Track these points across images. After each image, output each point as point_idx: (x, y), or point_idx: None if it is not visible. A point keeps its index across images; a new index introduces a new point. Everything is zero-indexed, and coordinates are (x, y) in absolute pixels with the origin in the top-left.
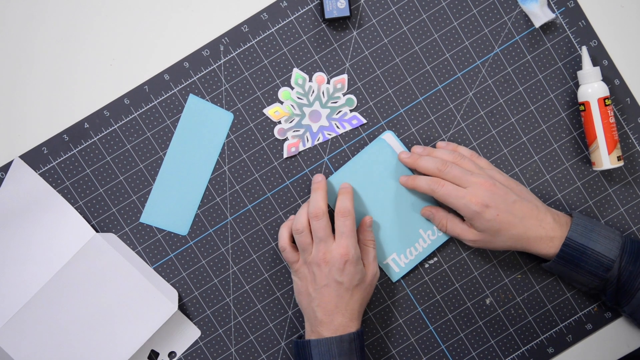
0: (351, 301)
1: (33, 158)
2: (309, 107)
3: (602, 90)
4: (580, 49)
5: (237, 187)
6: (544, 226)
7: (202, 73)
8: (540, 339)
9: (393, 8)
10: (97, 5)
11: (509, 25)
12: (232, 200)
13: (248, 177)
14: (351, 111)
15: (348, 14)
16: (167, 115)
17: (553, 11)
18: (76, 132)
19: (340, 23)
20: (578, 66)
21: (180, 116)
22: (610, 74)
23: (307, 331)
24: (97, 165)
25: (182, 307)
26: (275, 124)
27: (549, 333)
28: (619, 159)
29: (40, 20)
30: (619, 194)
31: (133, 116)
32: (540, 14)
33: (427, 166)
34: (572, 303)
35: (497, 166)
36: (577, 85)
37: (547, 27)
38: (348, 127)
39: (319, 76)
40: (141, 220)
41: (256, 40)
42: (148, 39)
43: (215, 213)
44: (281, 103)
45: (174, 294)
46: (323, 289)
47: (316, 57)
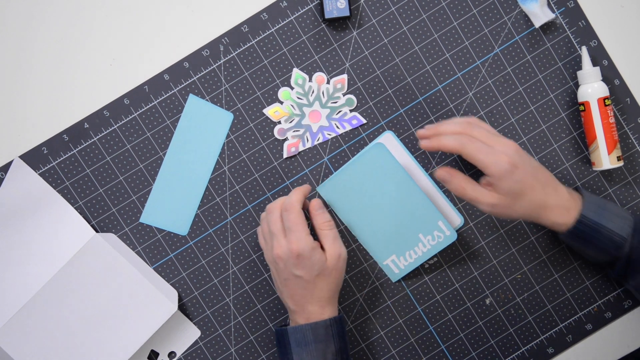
0: (316, 290)
1: (33, 158)
2: (309, 107)
3: (602, 90)
4: (580, 49)
5: (237, 187)
6: (561, 196)
7: (202, 73)
8: (540, 339)
9: (393, 8)
10: (97, 5)
11: (509, 25)
12: (232, 200)
13: (248, 177)
14: (351, 111)
15: (348, 14)
16: (167, 115)
17: (553, 11)
18: (76, 132)
19: (340, 23)
20: (578, 66)
21: (180, 116)
22: (610, 74)
23: (290, 319)
24: (97, 165)
25: (182, 307)
26: (275, 124)
27: (549, 333)
28: (619, 159)
29: (40, 20)
30: (619, 194)
31: (133, 116)
32: (540, 14)
33: (454, 128)
34: (572, 303)
35: None
36: (577, 85)
37: (547, 27)
38: (348, 127)
39: (319, 76)
40: (141, 220)
41: (256, 40)
42: (148, 39)
43: (215, 213)
44: (281, 103)
45: (174, 294)
46: (286, 283)
47: (316, 57)
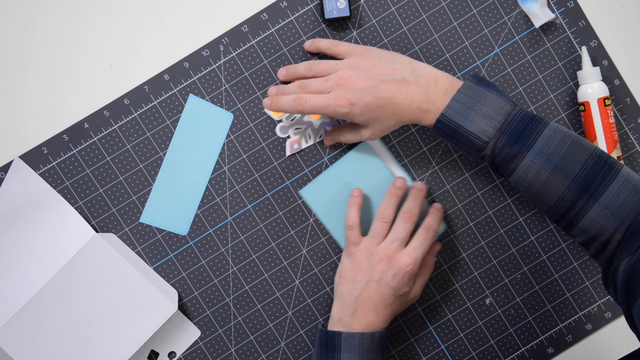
0: (389, 306)
1: (33, 158)
2: (319, 122)
3: (602, 90)
4: (580, 49)
5: (237, 187)
6: (415, 98)
7: (202, 73)
8: (540, 339)
9: (393, 8)
10: (97, 5)
11: (509, 25)
12: (232, 200)
13: (248, 177)
14: None
15: (348, 14)
16: (167, 115)
17: (553, 11)
18: (76, 132)
19: (340, 23)
20: (578, 66)
21: (180, 116)
22: (610, 74)
23: (334, 317)
24: (97, 165)
25: (182, 307)
26: (276, 123)
27: (549, 333)
28: (619, 159)
29: (40, 20)
30: None
31: (133, 116)
32: (540, 14)
33: (288, 90)
34: (572, 303)
35: None
36: (577, 85)
37: (547, 27)
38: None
39: None
40: (141, 220)
41: (256, 40)
42: (148, 39)
43: (215, 213)
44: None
45: (174, 294)
46: (372, 283)
47: (316, 57)
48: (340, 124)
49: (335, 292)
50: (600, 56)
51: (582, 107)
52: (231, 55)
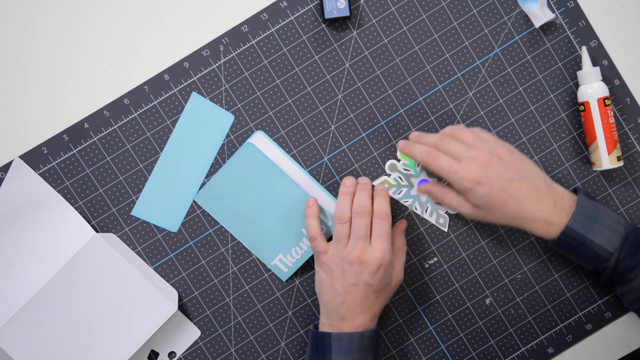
0: (375, 302)
1: (33, 158)
2: (417, 178)
3: (602, 90)
4: (580, 49)
5: None
6: (542, 209)
7: (202, 73)
8: (540, 339)
9: (393, 8)
10: (97, 5)
11: (509, 25)
12: None
13: None
14: None
15: (348, 14)
16: (167, 115)
17: (553, 11)
18: (76, 132)
19: (340, 23)
20: (578, 66)
21: (180, 115)
22: (610, 74)
23: (324, 323)
24: (97, 165)
25: (182, 307)
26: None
27: (549, 333)
28: (619, 159)
29: (40, 20)
30: (619, 194)
31: (133, 116)
32: (540, 14)
33: (426, 141)
34: (572, 303)
35: None
36: (577, 85)
37: (547, 27)
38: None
39: None
40: (132, 213)
41: (256, 40)
42: (148, 39)
43: None
44: (388, 175)
45: (174, 294)
46: (351, 287)
47: (316, 57)
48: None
49: (319, 301)
50: (600, 56)
51: (582, 107)
52: (231, 55)
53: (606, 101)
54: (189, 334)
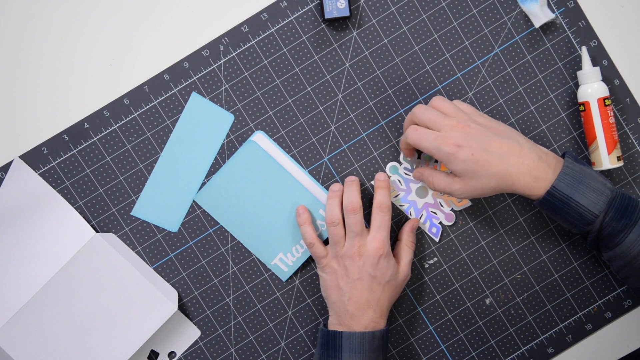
0: (382, 297)
1: (33, 158)
2: (416, 184)
3: (602, 90)
4: (580, 49)
5: None
6: (527, 163)
7: (202, 73)
8: (540, 339)
9: (393, 8)
10: (97, 5)
11: (509, 25)
12: None
13: None
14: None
15: (348, 14)
16: (167, 115)
17: (553, 11)
18: (76, 132)
19: (340, 23)
20: (578, 66)
21: (180, 115)
22: (610, 74)
23: (333, 322)
24: (97, 165)
25: (182, 307)
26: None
27: (549, 333)
28: (619, 159)
29: (40, 20)
30: None
31: (133, 116)
32: (540, 14)
33: (408, 117)
34: (572, 303)
35: None
36: (577, 85)
37: (547, 27)
38: (452, 207)
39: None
40: (132, 213)
41: (256, 40)
42: (148, 39)
43: None
44: (389, 177)
45: (174, 294)
46: (356, 282)
47: (316, 57)
48: (442, 206)
49: (327, 304)
50: (600, 56)
51: (582, 107)
52: (231, 55)
53: (606, 101)
54: (189, 334)
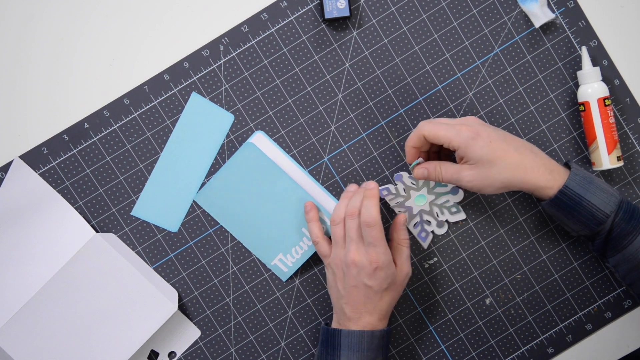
0: (380, 303)
1: (33, 158)
2: (416, 192)
3: (602, 90)
4: (580, 49)
5: None
6: (541, 157)
7: (202, 73)
8: (540, 339)
9: (393, 8)
10: (97, 5)
11: (509, 25)
12: None
13: None
14: (456, 203)
15: (348, 14)
16: (167, 115)
17: (553, 11)
18: (76, 132)
19: (340, 23)
20: (578, 66)
21: (180, 115)
22: (610, 74)
23: (335, 320)
24: (97, 165)
25: (182, 307)
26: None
27: (549, 333)
28: (619, 159)
29: (40, 20)
30: None
31: (133, 116)
32: (540, 14)
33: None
34: (572, 303)
35: None
36: (577, 85)
37: (547, 27)
38: (447, 218)
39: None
40: (132, 213)
41: (256, 40)
42: (148, 39)
43: None
44: (395, 185)
45: (174, 294)
46: (352, 289)
47: (316, 57)
48: (438, 215)
49: (331, 300)
50: (600, 56)
51: (582, 107)
52: (231, 55)
53: (606, 101)
54: (189, 334)
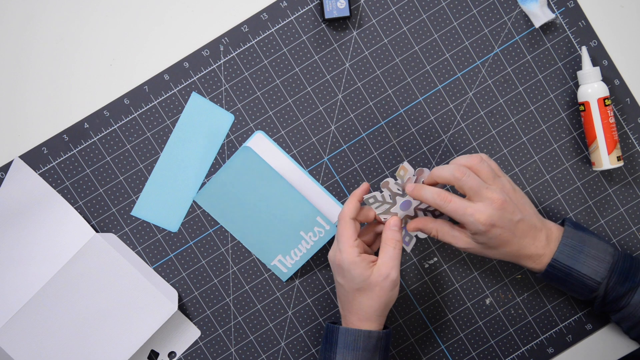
0: (355, 303)
1: (33, 158)
2: (402, 197)
3: (602, 90)
4: (580, 49)
5: None
6: (537, 244)
7: (202, 73)
8: (540, 339)
9: (393, 8)
10: (97, 5)
11: (509, 25)
12: None
13: None
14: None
15: (348, 14)
16: (167, 115)
17: (553, 11)
18: (76, 132)
19: (340, 23)
20: (578, 66)
21: (180, 115)
22: (610, 74)
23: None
24: (97, 165)
25: (182, 307)
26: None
27: (549, 333)
28: (619, 159)
29: (40, 20)
30: (619, 194)
31: (133, 116)
32: (540, 14)
33: (443, 175)
34: (573, 303)
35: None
36: (577, 85)
37: (547, 27)
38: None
39: (420, 170)
40: (132, 213)
41: (256, 40)
42: (148, 39)
43: None
44: (381, 192)
45: (174, 294)
46: (336, 286)
47: (316, 57)
48: (425, 215)
49: None
50: (600, 56)
51: (582, 107)
52: (231, 55)
53: (606, 101)
54: (189, 334)
